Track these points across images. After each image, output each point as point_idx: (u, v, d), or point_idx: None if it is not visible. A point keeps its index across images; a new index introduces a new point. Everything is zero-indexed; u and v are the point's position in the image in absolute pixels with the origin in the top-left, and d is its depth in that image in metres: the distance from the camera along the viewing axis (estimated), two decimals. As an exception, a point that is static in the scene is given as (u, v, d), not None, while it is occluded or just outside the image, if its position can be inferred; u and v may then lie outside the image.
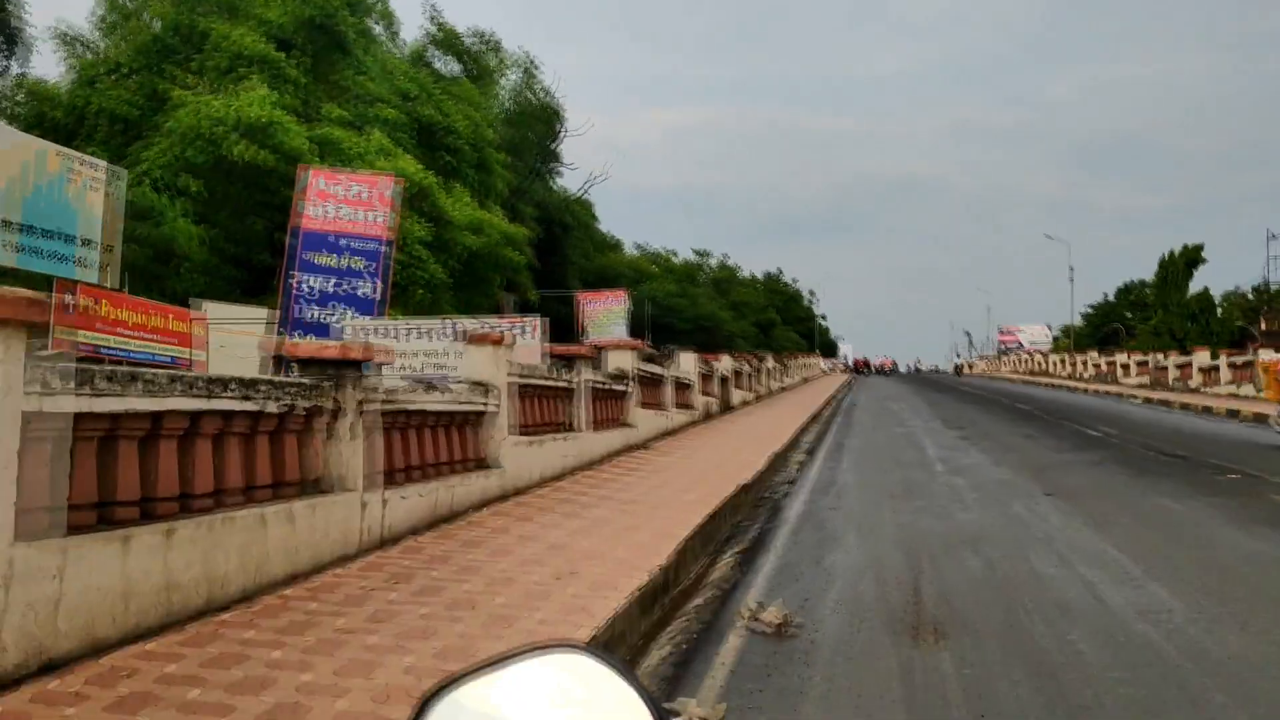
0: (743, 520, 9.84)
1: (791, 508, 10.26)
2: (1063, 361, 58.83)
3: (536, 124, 34.70)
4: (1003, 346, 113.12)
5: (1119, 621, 5.47)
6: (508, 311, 36.58)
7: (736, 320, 73.20)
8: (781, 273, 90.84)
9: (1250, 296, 64.83)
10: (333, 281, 16.63)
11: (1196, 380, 34.34)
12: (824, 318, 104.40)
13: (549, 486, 10.43)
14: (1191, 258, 60.63)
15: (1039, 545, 7.68)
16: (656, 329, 59.05)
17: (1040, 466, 13.35)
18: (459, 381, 9.39)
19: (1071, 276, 62.27)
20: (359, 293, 16.56)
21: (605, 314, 36.22)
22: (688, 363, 21.02)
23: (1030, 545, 7.69)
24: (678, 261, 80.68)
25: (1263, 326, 56.54)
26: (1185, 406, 27.64)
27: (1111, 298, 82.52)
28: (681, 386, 19.90)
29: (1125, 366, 43.75)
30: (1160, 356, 40.10)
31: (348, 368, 6.85)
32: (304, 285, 16.67)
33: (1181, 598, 5.96)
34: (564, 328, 39.75)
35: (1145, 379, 40.65)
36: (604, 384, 13.72)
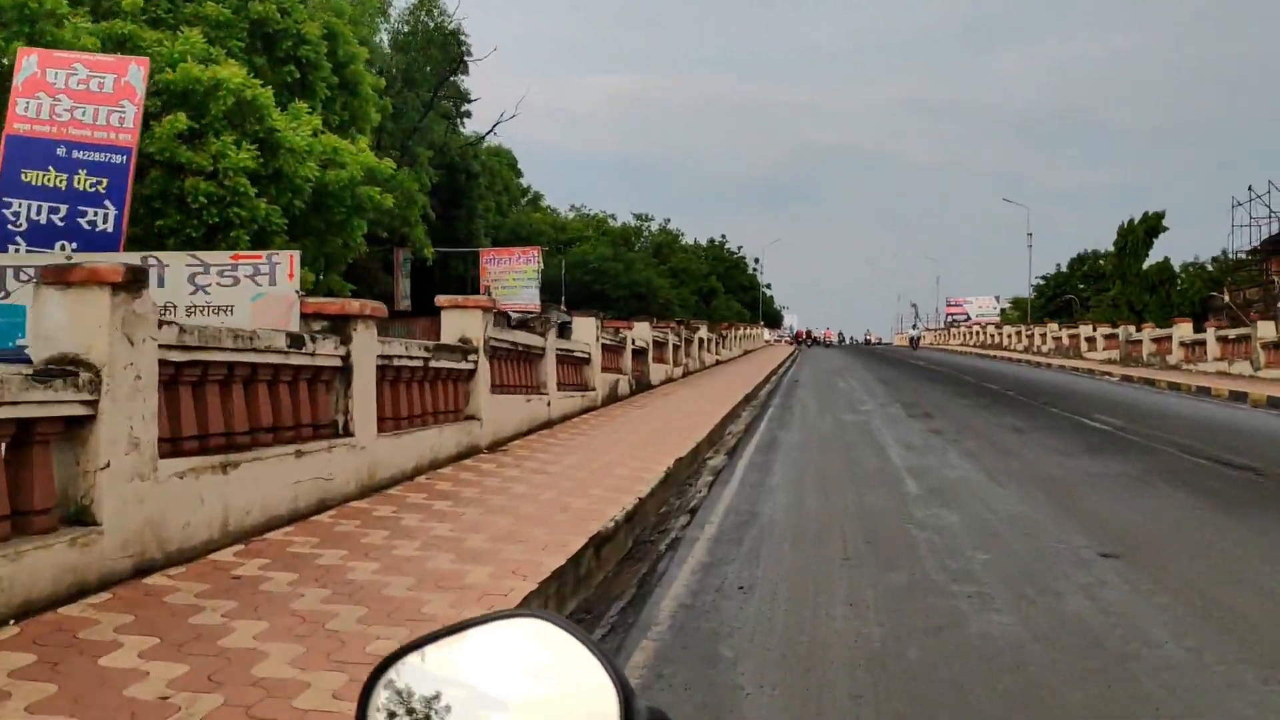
0: (579, 610, 5.42)
1: (673, 584, 5.82)
2: (1018, 334, 55.54)
3: (432, 50, 29.62)
4: (949, 318, 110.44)
5: None
6: (399, 269, 31.74)
7: (676, 288, 68.92)
8: (726, 239, 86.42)
9: (1210, 267, 62.12)
10: (61, 210, 11.79)
11: (1176, 356, 30.75)
12: (768, 287, 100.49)
13: (238, 548, 5.83)
14: (1152, 226, 57.64)
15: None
16: (588, 296, 54.41)
17: (1058, 485, 9.10)
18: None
19: (1030, 243, 58.73)
20: (93, 224, 11.75)
21: (513, 274, 31.48)
22: (585, 331, 16.49)
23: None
24: (615, 225, 76.09)
25: (1226, 299, 53.61)
26: (1174, 387, 23.87)
27: (1064, 269, 79.66)
28: (573, 362, 15.40)
29: (1090, 340, 40.27)
30: (1132, 329, 36.61)
31: None
32: (14, 214, 11.81)
33: None
34: (469, 291, 34.92)
35: (1114, 354, 37.15)
36: (418, 359, 9.13)
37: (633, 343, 20.06)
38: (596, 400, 16.38)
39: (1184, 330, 31.00)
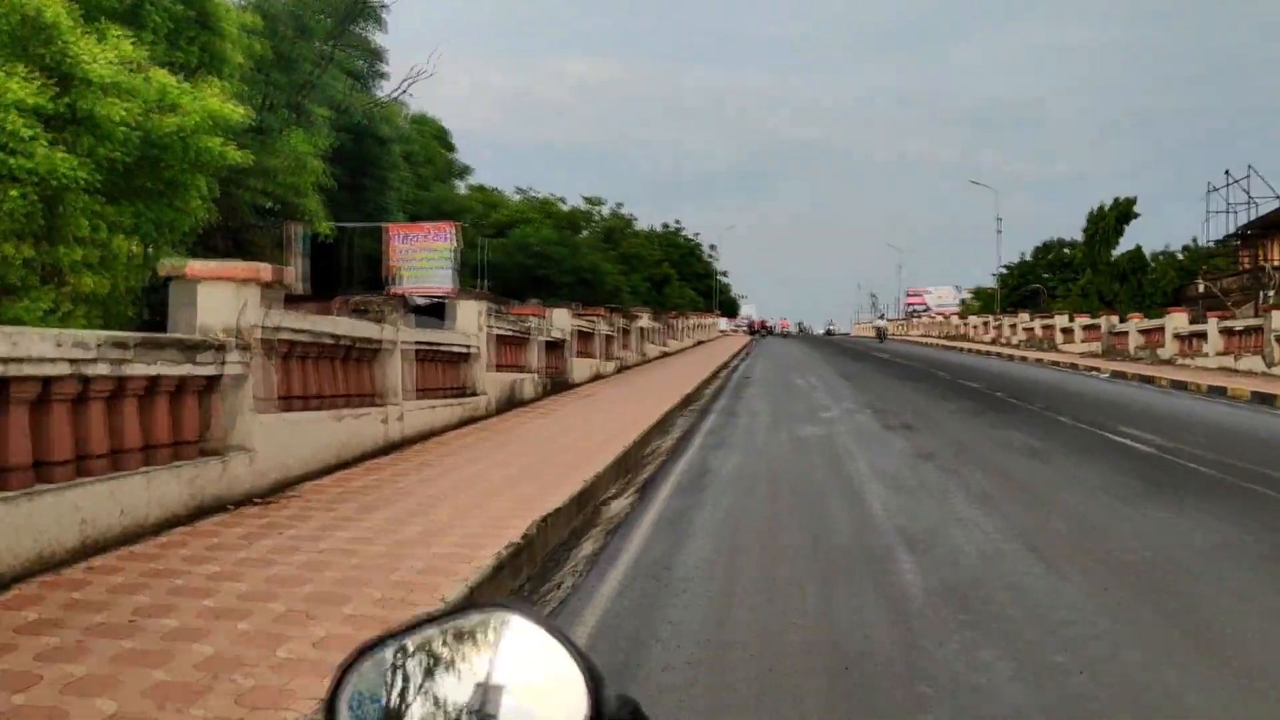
0: None
1: None
2: (985, 325, 52.61)
3: (329, -9, 25.52)
4: (909, 308, 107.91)
5: None
6: (294, 247, 27.63)
7: (627, 275, 65.22)
8: (680, 224, 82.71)
9: (1180, 256, 59.74)
10: None
11: (1170, 349, 27.66)
12: (725, 274, 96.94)
13: None
14: (1123, 213, 55.26)
15: None
16: (531, 281, 50.45)
17: (1157, 575, 5.55)
18: None
19: (999, 227, 55.85)
20: None
21: (424, 253, 27.41)
22: (468, 318, 12.73)
23: None
24: (564, 209, 72.13)
25: (1200, 288, 51.08)
26: (1179, 386, 20.65)
27: (1028, 258, 77.18)
28: (446, 359, 11.63)
29: (1067, 331, 37.23)
30: (1115, 320, 33.57)
31: None
32: None
33: None
34: (378, 273, 30.91)
35: (1094, 346, 34.10)
36: (85, 363, 5.33)
37: (544, 333, 16.33)
38: (484, 407, 12.65)
39: (1179, 321, 27.91)
